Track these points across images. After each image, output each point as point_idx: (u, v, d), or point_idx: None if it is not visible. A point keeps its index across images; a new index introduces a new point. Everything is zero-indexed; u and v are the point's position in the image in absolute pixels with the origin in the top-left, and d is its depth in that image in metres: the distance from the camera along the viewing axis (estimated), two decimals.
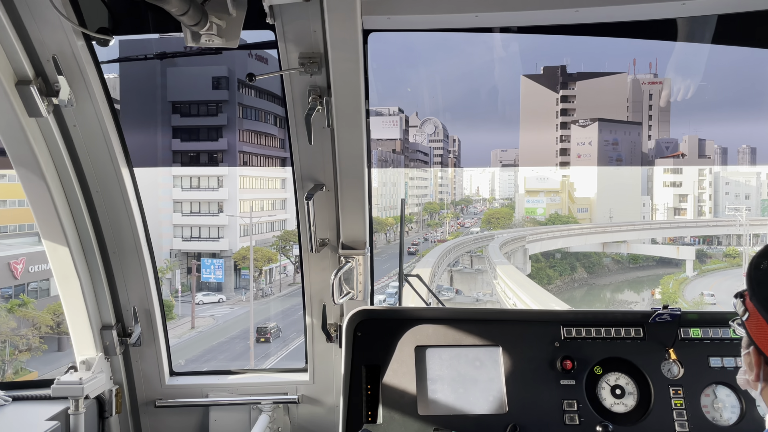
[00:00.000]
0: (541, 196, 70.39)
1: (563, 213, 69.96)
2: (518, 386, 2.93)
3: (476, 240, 54.34)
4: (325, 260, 3.49)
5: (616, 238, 61.83)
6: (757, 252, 1.84)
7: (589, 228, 61.60)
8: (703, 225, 64.66)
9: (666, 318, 3.02)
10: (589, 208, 70.24)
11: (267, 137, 42.46)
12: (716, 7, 2.82)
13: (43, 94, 3.01)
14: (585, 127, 71.72)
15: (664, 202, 68.94)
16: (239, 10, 2.66)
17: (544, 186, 71.57)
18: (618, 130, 72.54)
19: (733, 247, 60.26)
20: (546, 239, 56.29)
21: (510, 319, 3.15)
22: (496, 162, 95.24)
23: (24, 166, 3.14)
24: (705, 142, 72.65)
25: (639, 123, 74.80)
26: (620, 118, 71.33)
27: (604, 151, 71.17)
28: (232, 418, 3.76)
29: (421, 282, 3.84)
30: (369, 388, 2.91)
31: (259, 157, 42.65)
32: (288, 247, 40.79)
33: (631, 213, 68.08)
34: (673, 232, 64.60)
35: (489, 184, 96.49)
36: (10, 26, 2.81)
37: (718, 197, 69.35)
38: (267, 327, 31.58)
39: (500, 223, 65.97)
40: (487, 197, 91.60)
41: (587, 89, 71.45)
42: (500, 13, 2.82)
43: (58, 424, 3.30)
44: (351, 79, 2.92)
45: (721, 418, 2.88)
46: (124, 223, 3.44)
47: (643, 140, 73.11)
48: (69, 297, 3.45)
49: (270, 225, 43.11)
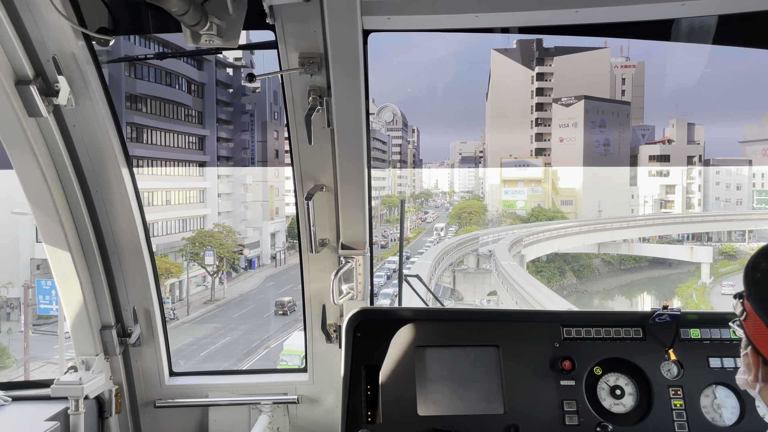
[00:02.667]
0: (521, 187, 61.07)
1: (546, 206, 60.76)
2: (518, 386, 2.93)
3: (460, 246, 47.72)
4: (324, 260, 3.50)
5: (623, 236, 54.13)
6: (755, 252, 1.84)
7: (590, 225, 53.94)
8: (721, 219, 56.35)
9: (665, 318, 3.02)
10: (574, 200, 61.48)
11: (171, 106, 34.79)
12: (716, 8, 2.82)
13: (43, 94, 3.00)
14: (569, 106, 63.03)
15: (650, 194, 61.57)
16: (239, 10, 2.66)
17: (524, 175, 61.66)
18: (606, 111, 63.83)
19: (730, 245, 54.61)
20: (542, 240, 49.78)
21: (509, 319, 3.15)
22: (455, 155, 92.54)
23: (24, 166, 3.14)
24: (694, 128, 65.17)
25: (628, 103, 66.38)
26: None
27: (591, 134, 62.79)
28: (232, 418, 3.76)
29: (421, 282, 3.84)
30: (368, 388, 2.91)
31: (157, 132, 34.57)
32: (203, 253, 33.90)
33: (619, 206, 60.28)
34: (691, 227, 56.48)
35: (448, 177, 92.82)
36: (10, 26, 2.81)
37: (708, 188, 62.53)
38: None
39: (473, 219, 57.85)
40: (447, 190, 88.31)
41: (566, 66, 64.02)
42: (500, 14, 2.82)
43: (57, 424, 3.29)
44: (351, 79, 2.92)
45: (720, 419, 2.88)
46: (124, 224, 3.44)
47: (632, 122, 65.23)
48: (69, 297, 3.45)
49: (181, 223, 35.80)
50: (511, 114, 66.49)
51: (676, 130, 64.07)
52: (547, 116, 65.80)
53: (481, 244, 48.05)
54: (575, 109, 63.02)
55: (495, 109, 68.86)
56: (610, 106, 64.54)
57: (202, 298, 34.29)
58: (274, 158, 47.83)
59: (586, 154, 63.14)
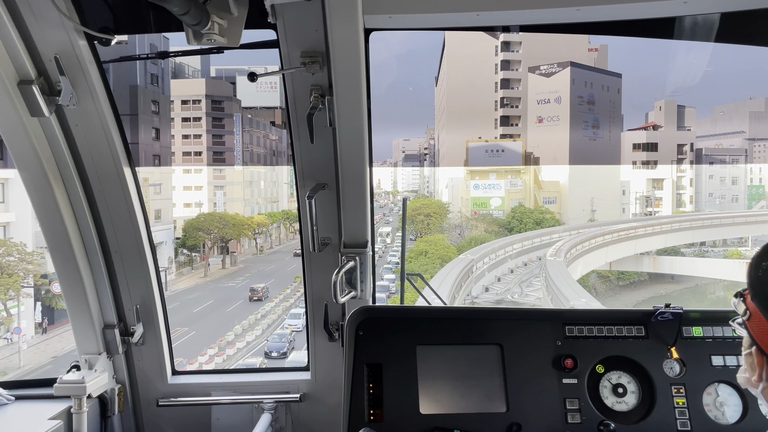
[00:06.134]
0: (495, 179, 44.67)
1: (529, 204, 45.17)
2: (520, 385, 2.93)
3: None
4: (326, 259, 3.50)
5: (641, 246, 39.81)
6: (758, 252, 1.83)
7: (604, 237, 38.65)
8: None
9: (668, 316, 3.02)
10: (558, 197, 46.50)
11: None
12: (718, 6, 2.82)
13: (45, 93, 3.01)
14: (550, 76, 48.25)
15: (635, 190, 48.64)
16: (241, 9, 2.67)
17: (499, 163, 45.64)
18: (596, 83, 48.95)
19: (736, 249, 44.19)
20: (585, 252, 35.14)
21: (512, 317, 3.15)
22: (398, 153, 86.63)
23: (26, 165, 3.15)
24: (684, 110, 54.44)
25: (619, 75, 51.09)
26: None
27: (578, 112, 48.10)
28: (235, 416, 3.76)
29: (423, 281, 3.84)
30: (371, 386, 2.92)
31: None
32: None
33: (610, 205, 46.60)
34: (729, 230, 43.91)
35: (391, 176, 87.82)
36: (12, 26, 2.82)
37: (701, 183, 50.74)
38: None
39: (434, 223, 41.57)
40: (390, 190, 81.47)
41: (538, 34, 49.90)
42: (502, 12, 2.82)
43: (60, 423, 3.31)
44: (352, 78, 2.92)
45: (723, 417, 2.88)
46: (126, 223, 3.45)
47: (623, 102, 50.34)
48: (71, 296, 3.46)
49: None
50: (469, 95, 51.98)
51: (664, 113, 52.48)
52: (514, 95, 51.91)
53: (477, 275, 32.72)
54: (558, 79, 47.79)
55: (449, 91, 54.01)
56: (600, 77, 50.16)
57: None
58: (154, 140, 37.46)
59: (573, 139, 48.84)
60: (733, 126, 60.73)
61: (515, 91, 52.84)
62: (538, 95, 49.36)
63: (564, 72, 47.78)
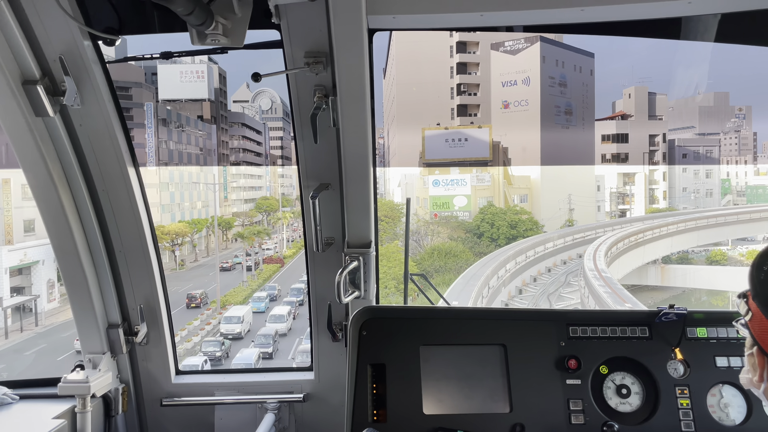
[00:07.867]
0: (457, 174, 37.33)
1: (498, 203, 37.89)
2: (523, 385, 2.93)
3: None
4: (330, 259, 3.50)
5: (651, 253, 33.74)
6: (760, 252, 1.82)
7: (617, 245, 32.30)
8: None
9: (672, 317, 3.01)
10: (529, 195, 39.75)
11: None
12: (722, 6, 2.81)
13: (50, 93, 3.02)
14: (516, 53, 40.71)
15: (608, 186, 43.23)
16: (245, 9, 2.67)
17: (463, 154, 37.87)
18: (567, 62, 41.65)
19: (719, 250, 39.09)
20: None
21: (515, 318, 3.14)
22: None
23: (30, 165, 3.16)
24: (656, 98, 49.75)
25: (592, 54, 43.52)
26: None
27: (549, 95, 41.32)
28: (238, 416, 3.77)
29: (426, 281, 3.84)
30: (374, 387, 2.92)
31: None
32: None
33: (586, 205, 40.89)
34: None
35: None
36: (17, 26, 2.83)
37: (674, 178, 45.65)
38: None
39: (384, 230, 32.83)
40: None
41: None
42: (506, 12, 2.82)
43: (64, 422, 3.31)
44: (356, 78, 2.92)
45: (727, 418, 2.87)
46: (131, 223, 3.46)
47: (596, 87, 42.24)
48: (76, 296, 3.47)
49: None
50: (422, 82, 45.29)
51: (634, 101, 46.75)
52: (473, 81, 44.98)
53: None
54: (527, 57, 40.52)
55: (399, 78, 47.25)
56: (572, 56, 43.16)
57: None
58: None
59: (545, 126, 41.78)
60: (684, 121, 57.94)
61: (473, 76, 45.60)
62: (503, 76, 42.00)
63: (533, 48, 40.84)
